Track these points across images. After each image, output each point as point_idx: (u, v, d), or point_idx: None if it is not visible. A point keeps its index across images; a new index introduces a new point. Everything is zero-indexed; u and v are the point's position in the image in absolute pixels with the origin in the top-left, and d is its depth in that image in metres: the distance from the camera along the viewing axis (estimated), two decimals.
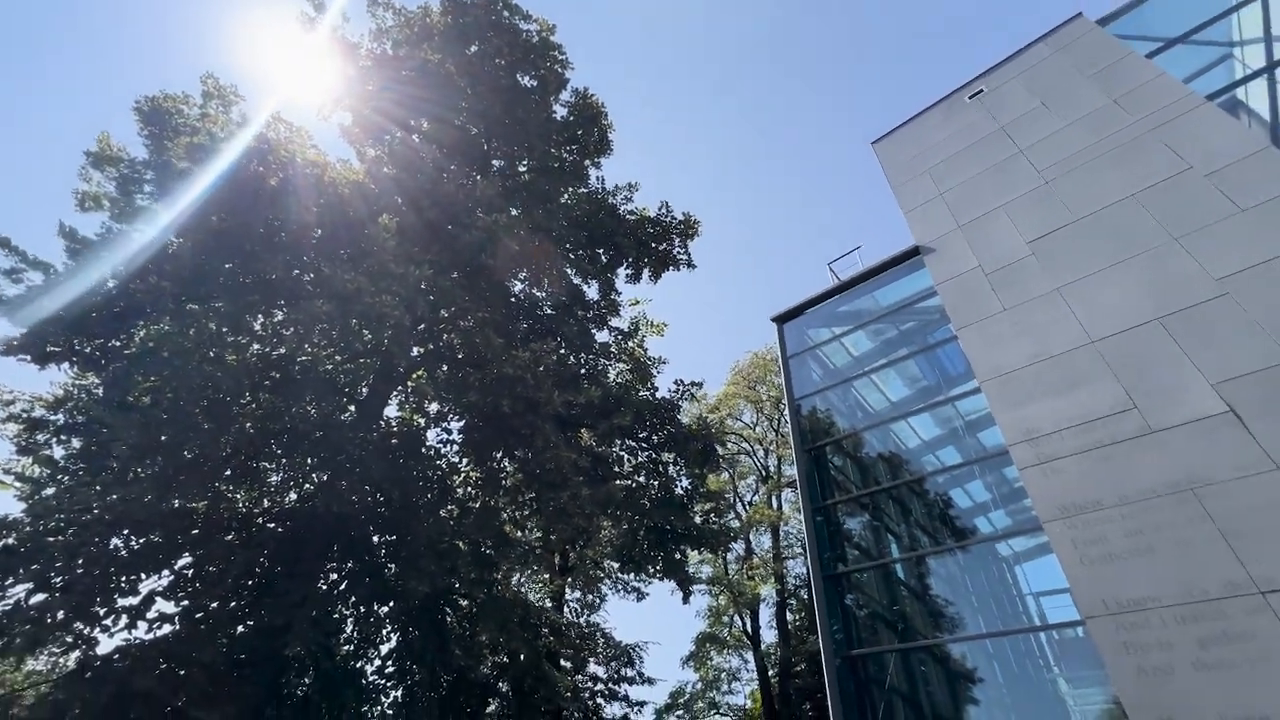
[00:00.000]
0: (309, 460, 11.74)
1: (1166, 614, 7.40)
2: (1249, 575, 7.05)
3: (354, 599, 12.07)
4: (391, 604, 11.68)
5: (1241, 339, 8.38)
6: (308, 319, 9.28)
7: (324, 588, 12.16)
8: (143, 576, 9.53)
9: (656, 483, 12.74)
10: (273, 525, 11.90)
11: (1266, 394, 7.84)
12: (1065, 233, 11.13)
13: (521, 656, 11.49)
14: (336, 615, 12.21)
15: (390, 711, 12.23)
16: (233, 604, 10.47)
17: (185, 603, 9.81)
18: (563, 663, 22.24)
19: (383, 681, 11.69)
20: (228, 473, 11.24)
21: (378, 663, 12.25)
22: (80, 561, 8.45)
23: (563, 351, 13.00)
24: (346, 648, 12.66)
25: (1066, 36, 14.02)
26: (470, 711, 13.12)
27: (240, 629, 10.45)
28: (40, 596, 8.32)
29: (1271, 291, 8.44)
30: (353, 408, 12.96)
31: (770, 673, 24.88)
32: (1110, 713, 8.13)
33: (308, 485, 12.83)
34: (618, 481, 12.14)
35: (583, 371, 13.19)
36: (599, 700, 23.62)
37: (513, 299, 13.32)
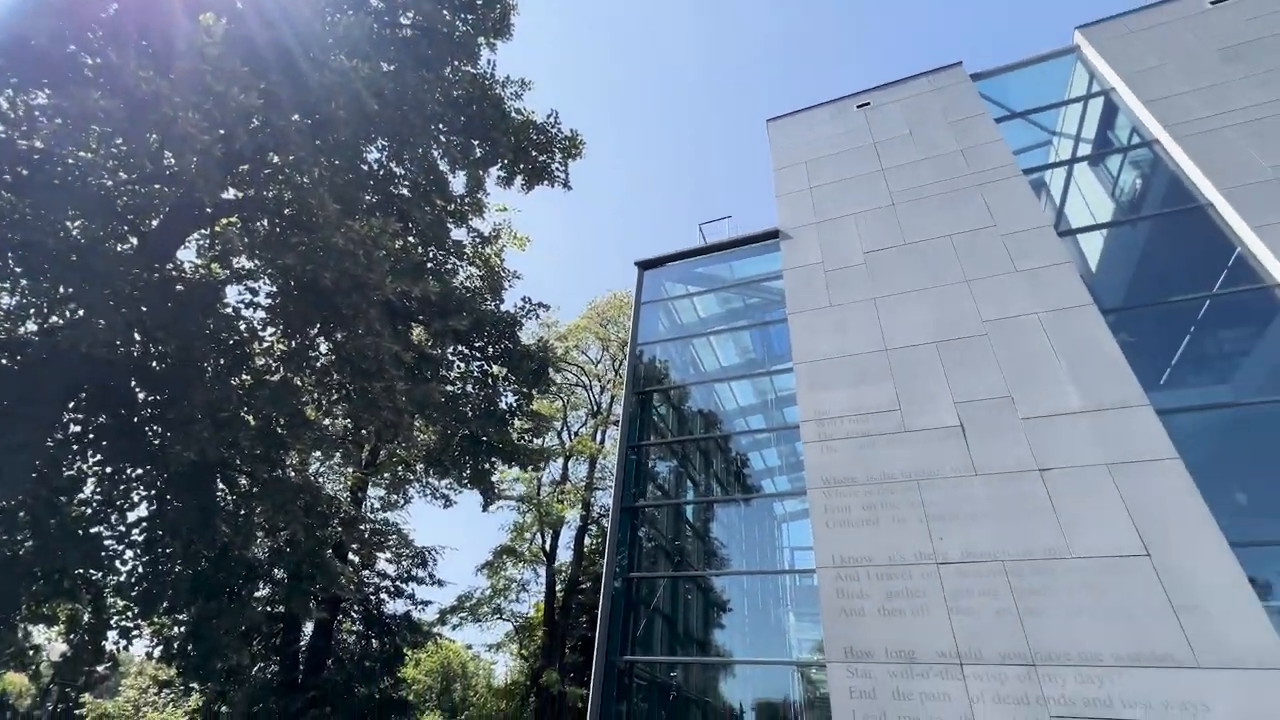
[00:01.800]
0: (61, 288, 9.62)
1: (872, 571, 9.25)
2: (933, 550, 9.03)
3: (100, 456, 10.45)
4: (149, 468, 10.31)
5: (983, 372, 10.38)
6: (80, 113, 7.38)
7: (60, 438, 10.36)
8: None
9: (482, 394, 12.53)
10: None
11: (986, 418, 9.89)
12: (892, 252, 12.67)
13: (301, 542, 10.92)
14: (74, 472, 10.52)
15: (131, 581, 11.01)
16: None
17: None
18: (351, 555, 21.69)
19: (121, 548, 10.42)
20: None
21: (122, 529, 10.86)
22: None
23: (411, 240, 11.95)
24: (83, 509, 11.02)
25: (943, 80, 15.53)
26: (231, 591, 12.30)
27: None
28: None
29: (1013, 340, 10.51)
30: (135, 239, 10.81)
31: (558, 588, 26.69)
32: (816, 643, 10.06)
33: (55, 317, 10.60)
34: (443, 385, 11.73)
35: (429, 266, 12.29)
36: (383, 596, 23.60)
37: (364, 166, 11.84)
